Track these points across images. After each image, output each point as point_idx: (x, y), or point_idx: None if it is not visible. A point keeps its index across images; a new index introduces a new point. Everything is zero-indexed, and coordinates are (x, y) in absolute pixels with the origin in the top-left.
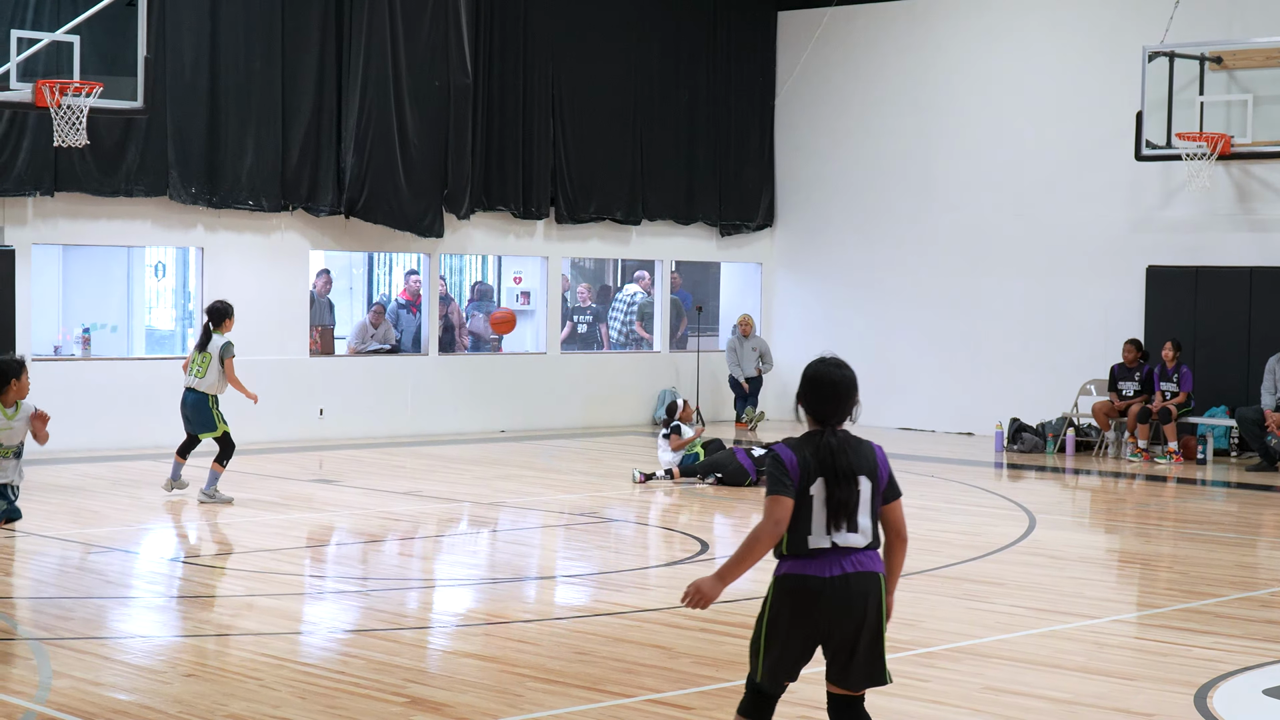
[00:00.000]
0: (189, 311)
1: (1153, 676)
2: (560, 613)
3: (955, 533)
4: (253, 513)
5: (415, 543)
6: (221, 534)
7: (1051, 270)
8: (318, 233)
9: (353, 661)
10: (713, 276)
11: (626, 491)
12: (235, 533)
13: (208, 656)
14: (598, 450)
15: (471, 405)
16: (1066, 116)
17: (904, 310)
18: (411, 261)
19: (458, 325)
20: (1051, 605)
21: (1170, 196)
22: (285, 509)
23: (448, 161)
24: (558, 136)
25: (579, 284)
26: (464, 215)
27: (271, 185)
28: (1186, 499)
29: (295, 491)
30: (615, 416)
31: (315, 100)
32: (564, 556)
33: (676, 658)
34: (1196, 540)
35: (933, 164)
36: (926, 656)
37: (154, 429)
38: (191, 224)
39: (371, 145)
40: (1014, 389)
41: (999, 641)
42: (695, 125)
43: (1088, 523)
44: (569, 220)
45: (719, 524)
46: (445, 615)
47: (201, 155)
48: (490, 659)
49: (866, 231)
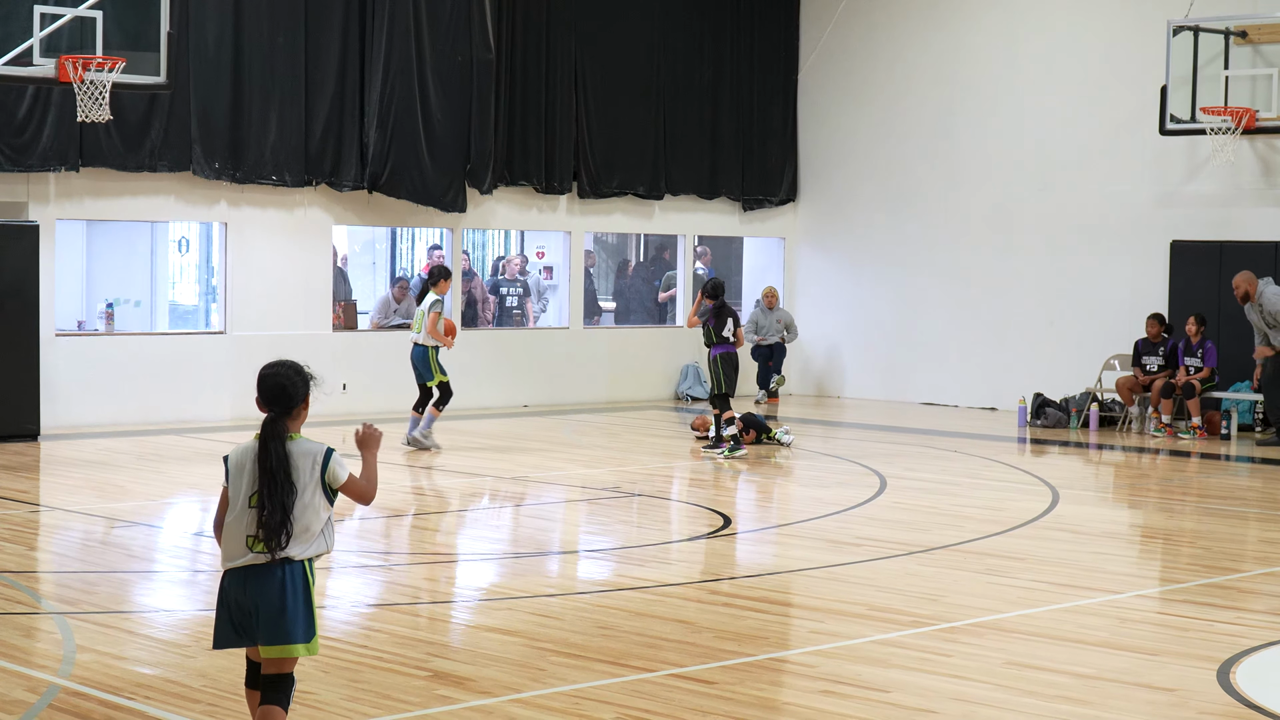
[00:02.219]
0: (212, 287)
1: (1175, 652)
2: (583, 587)
3: (978, 507)
4: None
5: (438, 517)
6: None
7: (1076, 245)
8: (341, 208)
9: (376, 635)
10: (735, 251)
11: (649, 466)
12: None
13: None
14: (621, 425)
15: (495, 380)
16: (1091, 91)
17: (927, 285)
18: (434, 236)
19: (480, 300)
20: (1074, 580)
21: (1195, 171)
22: None
23: (470, 136)
24: (580, 111)
25: (511, 255)
26: (487, 190)
27: (295, 160)
28: (1210, 474)
29: None
30: (638, 391)
31: (338, 75)
32: (586, 531)
33: (699, 632)
34: (1220, 515)
35: (956, 139)
36: (949, 631)
37: (177, 403)
38: (215, 199)
39: (394, 120)
40: (1038, 364)
41: (1021, 616)
42: (718, 100)
43: (1111, 498)
44: (592, 195)
45: (742, 498)
46: (468, 590)
47: (225, 131)
48: (513, 633)
49: (890, 207)
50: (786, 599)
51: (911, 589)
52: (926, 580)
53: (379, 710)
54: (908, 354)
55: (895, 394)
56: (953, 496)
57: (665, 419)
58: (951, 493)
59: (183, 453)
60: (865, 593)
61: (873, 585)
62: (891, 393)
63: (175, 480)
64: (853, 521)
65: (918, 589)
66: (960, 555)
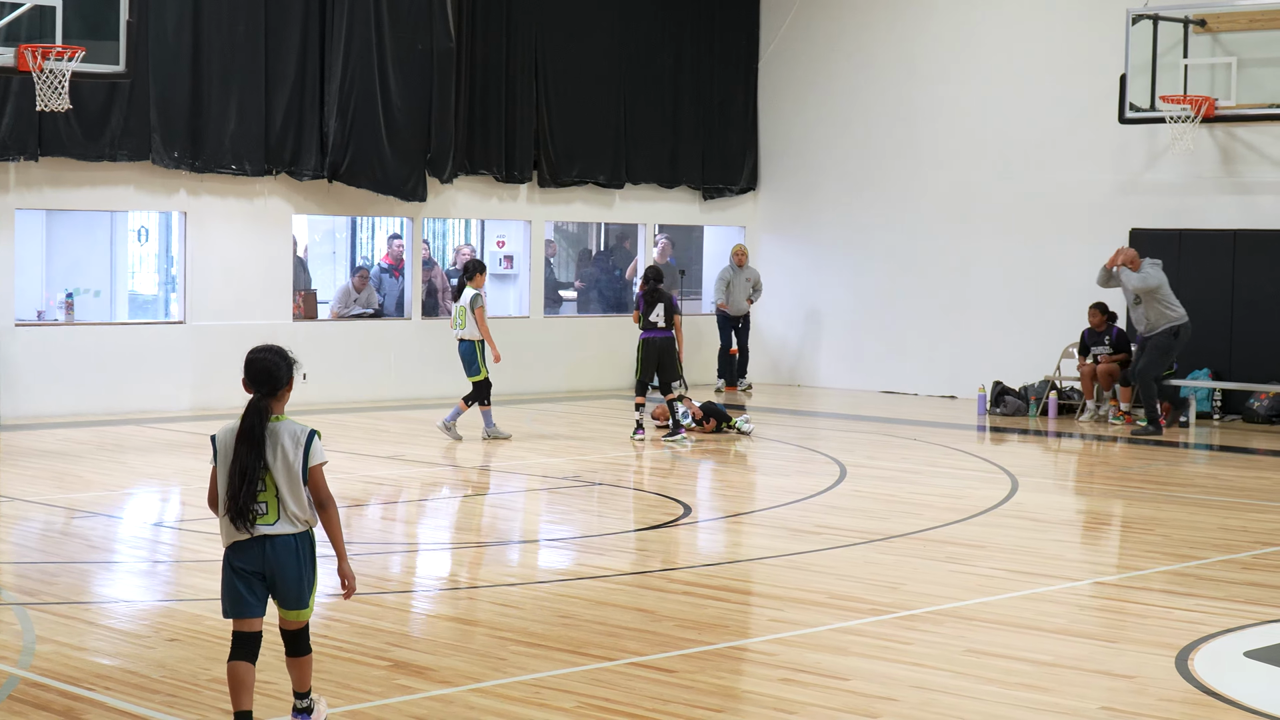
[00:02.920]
0: (171, 276)
1: (1134, 639)
2: (543, 576)
3: (938, 495)
4: None
5: (398, 507)
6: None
7: (1035, 233)
8: (301, 197)
9: (335, 625)
10: (696, 240)
11: (609, 455)
12: None
13: (191, 621)
14: (581, 414)
15: (455, 369)
16: (1051, 79)
17: (887, 274)
18: (394, 225)
19: (440, 289)
20: (1033, 568)
21: (1154, 159)
22: None
23: (431, 125)
24: (541, 100)
25: (460, 246)
26: (447, 179)
27: (255, 149)
28: (1169, 462)
29: None
30: (599, 380)
31: (299, 64)
32: (547, 520)
33: (659, 620)
34: (1178, 503)
35: (917, 127)
36: (909, 619)
37: (137, 393)
38: (174, 188)
39: (355, 109)
40: (997, 352)
41: (981, 604)
42: (679, 88)
43: (1070, 486)
44: (552, 184)
45: (702, 487)
46: (428, 579)
47: (185, 119)
48: (473, 623)
49: (850, 195)
50: (746, 587)
51: (871, 577)
52: (886, 568)
53: (339, 700)
54: (868, 342)
55: (856, 382)
56: (913, 485)
57: (626, 408)
58: (911, 481)
59: (143, 442)
60: (825, 581)
61: (833, 573)
62: (852, 381)
63: (135, 470)
64: (813, 510)
65: (878, 577)
66: (920, 543)
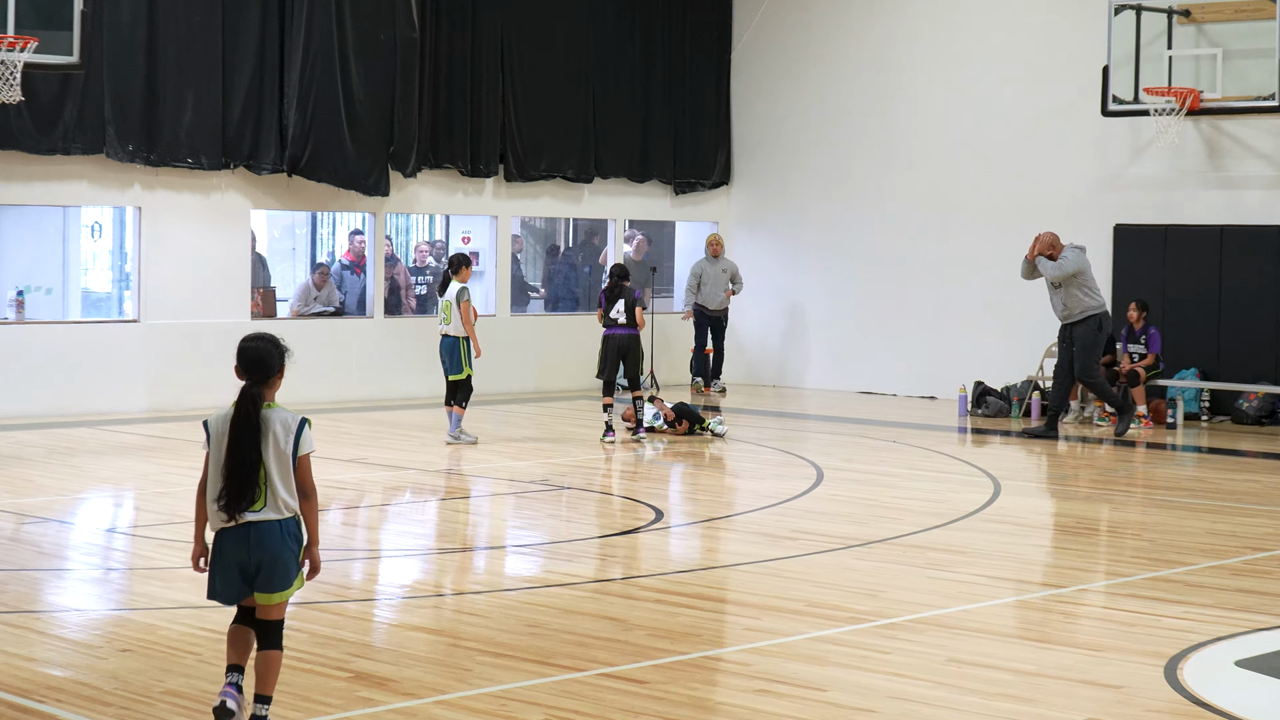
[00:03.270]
0: (125, 273)
1: (1121, 647)
2: (510, 584)
3: (918, 500)
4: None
5: (360, 512)
6: (161, 503)
7: (1016, 229)
8: (259, 191)
9: (295, 635)
10: (667, 236)
11: (579, 458)
12: (174, 502)
13: (145, 631)
14: (549, 416)
15: (419, 369)
16: (1032, 71)
17: (864, 271)
18: (356, 221)
19: (404, 286)
20: (1017, 574)
21: (1138, 153)
22: None
23: (394, 118)
24: (507, 92)
25: (422, 241)
26: (410, 173)
27: (212, 142)
28: (1156, 464)
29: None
30: (568, 381)
31: (257, 55)
32: (514, 525)
33: (630, 630)
34: (1166, 507)
35: (894, 120)
36: (888, 628)
37: (90, 394)
38: (129, 183)
39: (315, 101)
40: (978, 351)
41: (963, 612)
42: (649, 80)
43: (1054, 489)
44: (519, 178)
45: (674, 491)
46: (391, 587)
47: (140, 112)
48: (438, 632)
49: (826, 190)
50: (721, 595)
51: (849, 584)
52: (865, 575)
53: (299, 713)
54: (845, 342)
55: (832, 383)
56: (892, 488)
57: (595, 409)
58: (890, 484)
59: (96, 446)
60: (802, 588)
61: (809, 580)
62: (828, 382)
63: (89, 474)
64: (789, 514)
65: (856, 584)
66: (900, 549)
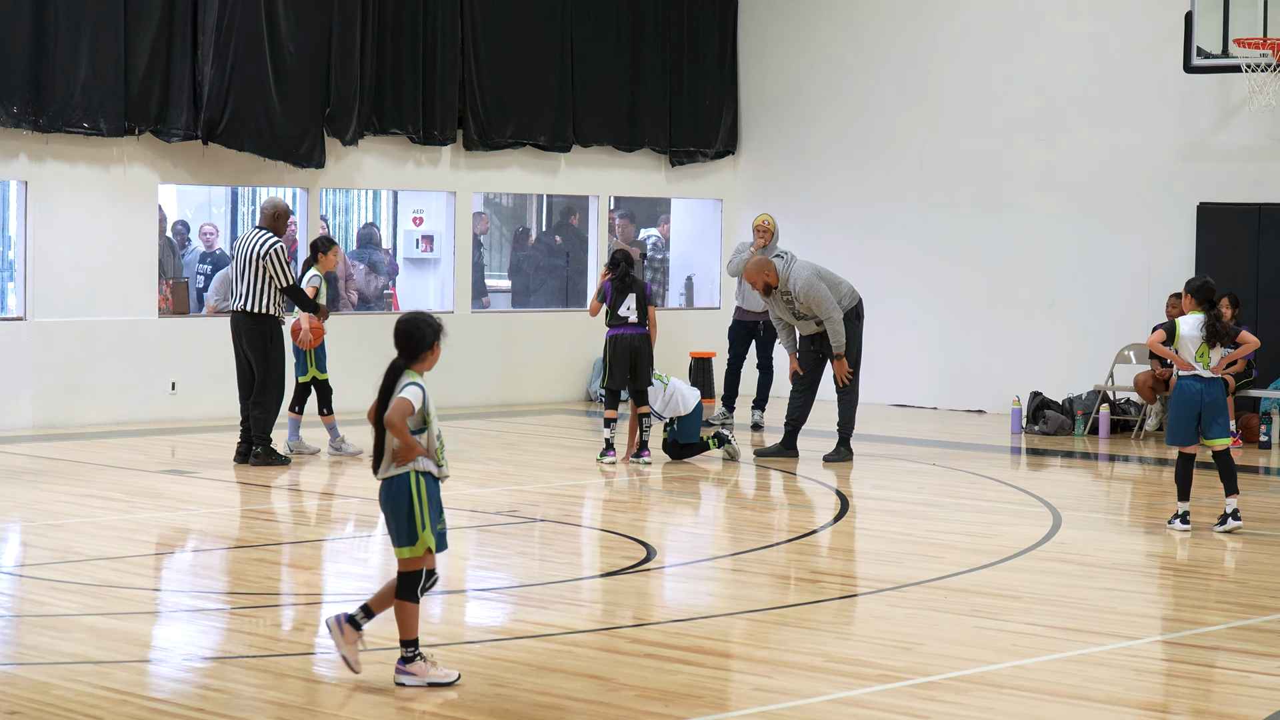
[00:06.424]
0: (9, 261)
1: (1201, 709)
2: (471, 635)
3: (961, 534)
4: (90, 512)
5: (291, 548)
6: (52, 538)
7: (1082, 209)
8: (169, 163)
9: (214, 697)
10: (662, 215)
11: (554, 484)
12: (69, 536)
13: (35, 690)
14: (518, 433)
15: (361, 376)
16: (1101, 19)
17: (899, 258)
18: (286, 197)
19: (343, 277)
20: (1079, 624)
21: (1227, 117)
22: (130, 507)
23: (330, 74)
24: (468, 43)
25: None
26: (350, 140)
27: (112, 104)
28: (1247, 491)
29: (142, 485)
30: (541, 391)
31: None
32: (476, 565)
33: (615, 690)
34: (1258, 542)
35: (935, 76)
36: (925, 687)
37: None
38: (13, 153)
39: (236, 54)
40: (1035, 356)
41: (1014, 668)
42: (640, 29)
43: (1125, 521)
44: (481, 147)
45: (670, 525)
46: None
47: (24, 67)
48: (384, 692)
49: (853, 159)
50: (724, 649)
51: (879, 636)
52: (898, 624)
53: None
54: (875, 344)
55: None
56: (931, 521)
57: (574, 424)
58: (930, 516)
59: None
60: (823, 640)
61: (832, 631)
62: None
63: None
64: (808, 552)
65: (887, 636)
66: (940, 593)
